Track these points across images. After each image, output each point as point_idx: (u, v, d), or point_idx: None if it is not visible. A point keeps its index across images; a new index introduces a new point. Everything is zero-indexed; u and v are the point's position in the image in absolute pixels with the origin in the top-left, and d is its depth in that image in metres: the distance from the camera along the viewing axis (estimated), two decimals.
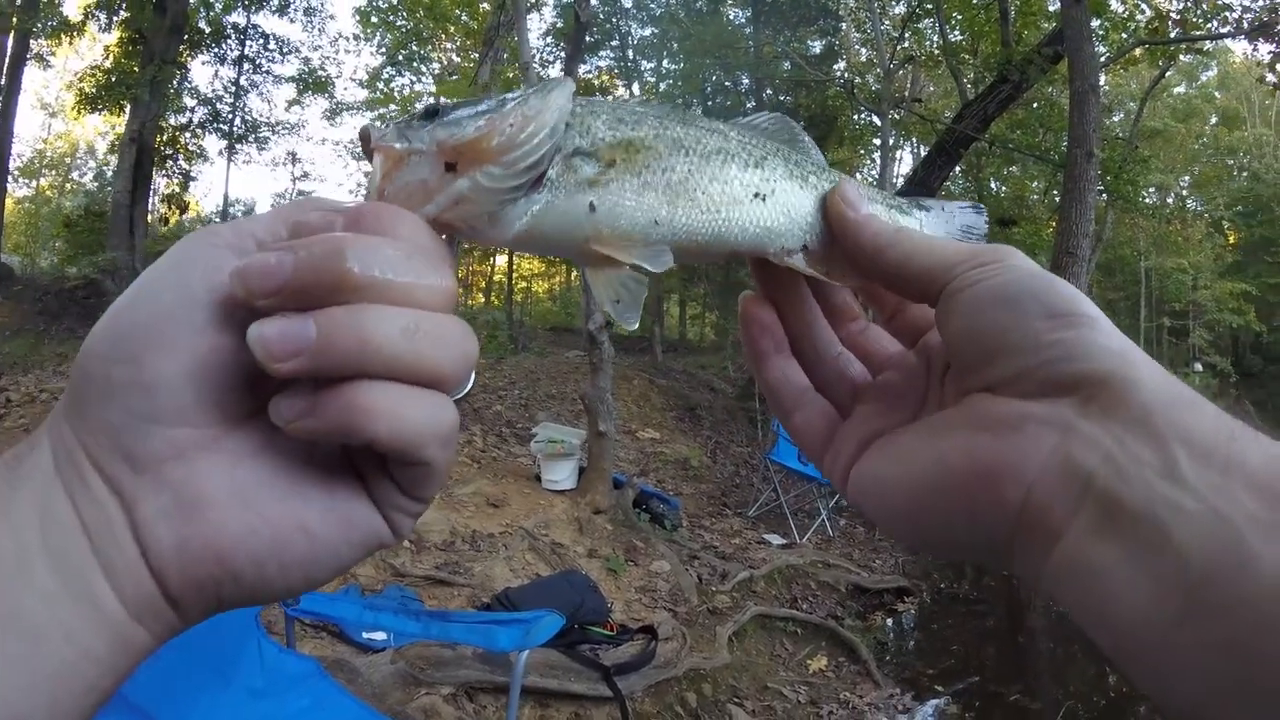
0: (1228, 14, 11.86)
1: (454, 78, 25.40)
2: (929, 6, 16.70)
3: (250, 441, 0.45)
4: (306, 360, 0.40)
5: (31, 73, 20.16)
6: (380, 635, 4.86)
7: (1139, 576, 0.38)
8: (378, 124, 0.51)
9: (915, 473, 0.49)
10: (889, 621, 8.00)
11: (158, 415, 0.42)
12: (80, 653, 0.40)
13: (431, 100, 0.55)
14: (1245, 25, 11.74)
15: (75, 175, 40.50)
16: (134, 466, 0.42)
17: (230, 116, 20.84)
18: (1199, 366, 37.82)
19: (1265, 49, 11.50)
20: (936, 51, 17.68)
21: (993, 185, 24.29)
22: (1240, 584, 0.35)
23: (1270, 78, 11.63)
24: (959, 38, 17.72)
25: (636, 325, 0.56)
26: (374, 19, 25.11)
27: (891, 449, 0.53)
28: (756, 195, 0.59)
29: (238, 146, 21.48)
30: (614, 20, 25.71)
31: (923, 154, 18.16)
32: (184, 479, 0.42)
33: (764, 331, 0.62)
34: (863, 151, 27.38)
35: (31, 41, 17.19)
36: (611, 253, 0.54)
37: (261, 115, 22.37)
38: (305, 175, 29.92)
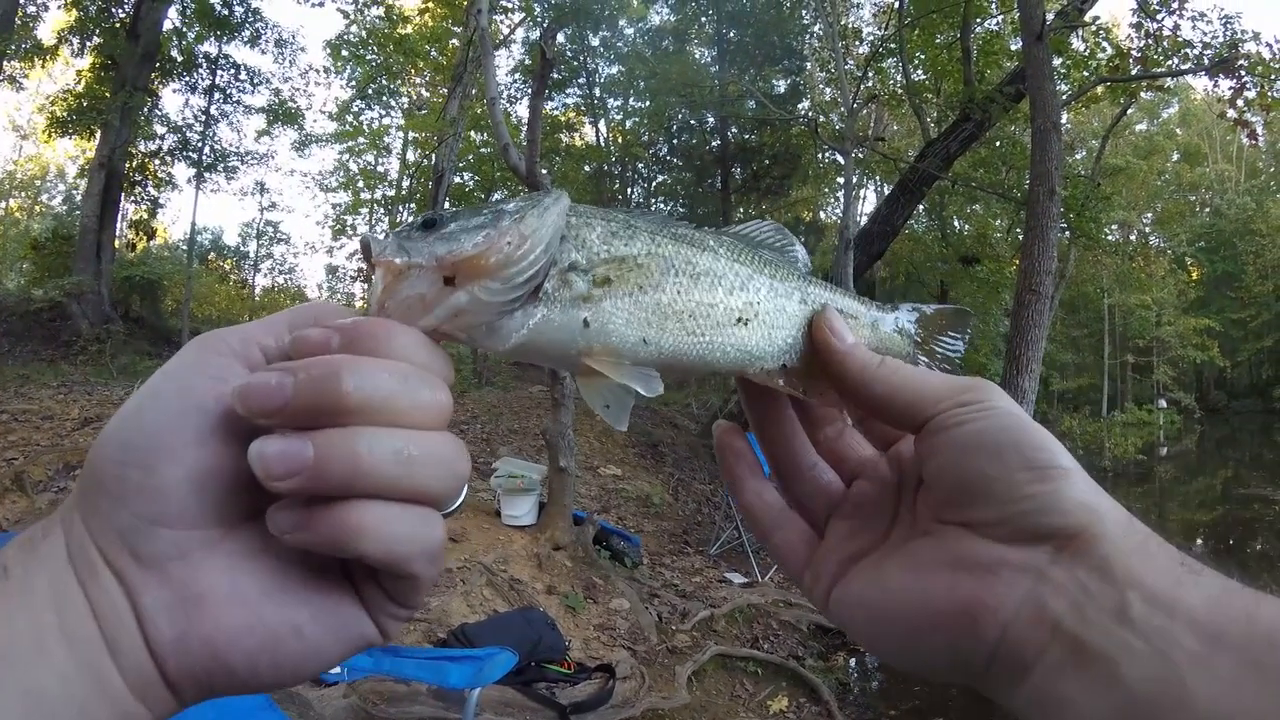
0: (1188, 50, 12.07)
1: (423, 112, 25.56)
2: (893, 46, 16.99)
3: (249, 543, 0.48)
4: (303, 480, 0.43)
5: (3, 94, 20.33)
6: (333, 669, 4.77)
7: (1096, 708, 0.44)
8: (378, 236, 0.54)
9: (898, 604, 0.54)
10: (852, 661, 7.92)
11: (163, 518, 0.45)
12: None
13: (430, 212, 0.57)
14: (1206, 61, 11.95)
15: (44, 198, 41.01)
16: (140, 563, 0.45)
17: (200, 145, 20.87)
18: (1164, 403, 38.25)
19: (1226, 85, 11.69)
20: (900, 90, 17.96)
21: (956, 223, 24.61)
22: (1178, 715, 0.41)
23: (1231, 113, 11.83)
24: (922, 77, 18.04)
25: (625, 428, 0.60)
26: (344, 53, 25.37)
27: (873, 576, 0.57)
28: (739, 320, 0.62)
29: (206, 175, 21.43)
30: (581, 58, 25.94)
31: (886, 192, 18.40)
32: (186, 578, 0.46)
33: (739, 459, 0.67)
34: (826, 190, 27.76)
35: (4, 63, 17.27)
36: (602, 369, 0.57)
37: (231, 144, 22.45)
38: (273, 205, 29.78)
